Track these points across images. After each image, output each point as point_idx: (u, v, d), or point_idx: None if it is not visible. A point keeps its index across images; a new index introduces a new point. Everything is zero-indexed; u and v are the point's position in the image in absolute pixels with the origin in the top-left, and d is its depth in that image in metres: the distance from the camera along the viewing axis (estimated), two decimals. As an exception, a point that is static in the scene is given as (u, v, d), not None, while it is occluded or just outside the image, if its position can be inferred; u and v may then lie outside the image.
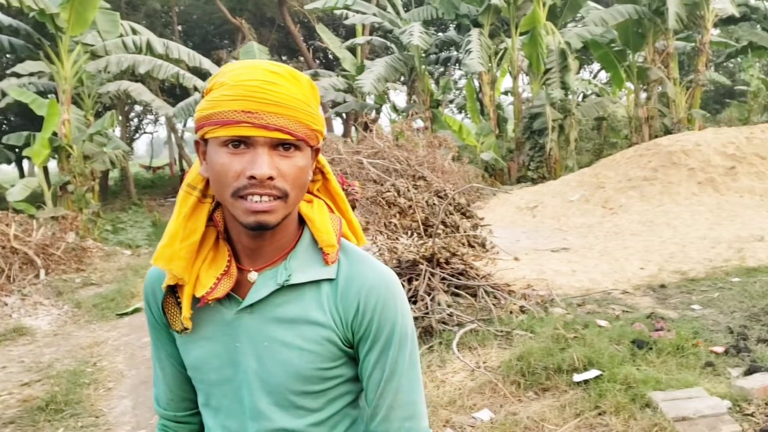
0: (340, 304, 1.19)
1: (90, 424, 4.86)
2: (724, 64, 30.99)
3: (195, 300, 1.19)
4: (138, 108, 30.93)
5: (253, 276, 1.20)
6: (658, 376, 4.24)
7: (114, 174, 27.64)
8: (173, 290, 1.23)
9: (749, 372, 4.28)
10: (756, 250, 7.65)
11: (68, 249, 10.76)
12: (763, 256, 7.41)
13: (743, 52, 23.33)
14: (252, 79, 1.09)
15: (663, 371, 4.37)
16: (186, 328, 1.22)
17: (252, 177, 1.07)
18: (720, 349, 4.74)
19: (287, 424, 1.21)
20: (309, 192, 1.28)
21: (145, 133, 36.94)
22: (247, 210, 1.09)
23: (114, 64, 13.33)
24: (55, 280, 9.72)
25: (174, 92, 26.74)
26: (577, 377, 4.40)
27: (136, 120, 33.63)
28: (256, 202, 1.09)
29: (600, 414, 3.97)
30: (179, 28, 28.00)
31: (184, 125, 28.43)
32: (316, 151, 1.20)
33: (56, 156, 13.88)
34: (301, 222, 1.24)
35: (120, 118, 24.64)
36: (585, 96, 25.18)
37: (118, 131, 25.51)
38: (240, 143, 1.09)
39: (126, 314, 8.08)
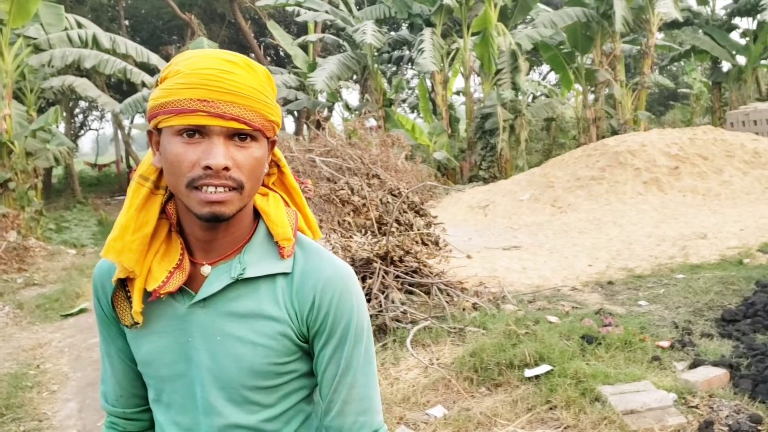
0: (295, 299, 1.17)
1: (33, 428, 4.71)
2: (668, 67, 31.90)
3: (146, 294, 1.16)
4: (83, 104, 30.15)
5: (206, 270, 1.17)
6: (607, 371, 4.32)
7: (58, 172, 26.84)
8: (123, 284, 1.19)
9: (693, 365, 4.40)
10: (699, 248, 7.89)
11: (9, 248, 10.41)
12: (706, 253, 7.64)
13: (686, 56, 24.08)
14: (207, 68, 1.06)
15: (611, 366, 4.46)
16: (136, 323, 1.18)
17: (207, 167, 1.05)
18: (666, 344, 4.86)
19: (240, 420, 1.19)
20: (264, 185, 1.25)
21: (90, 129, 36.02)
22: (202, 201, 1.07)
23: (58, 58, 12.93)
24: (-4, 280, 9.39)
25: (121, 88, 26.12)
26: (529, 372, 4.45)
27: (81, 116, 32.76)
28: (211, 192, 1.06)
29: (551, 408, 4.02)
30: (126, 22, 27.35)
31: (131, 122, 27.82)
32: (272, 144, 1.18)
33: (-4, 152, 13.39)
34: (257, 216, 1.22)
35: (64, 114, 23.95)
36: (534, 97, 25.57)
37: (62, 127, 24.81)
38: (195, 132, 1.07)
39: (71, 315, 7.86)
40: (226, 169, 1.06)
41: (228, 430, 1.19)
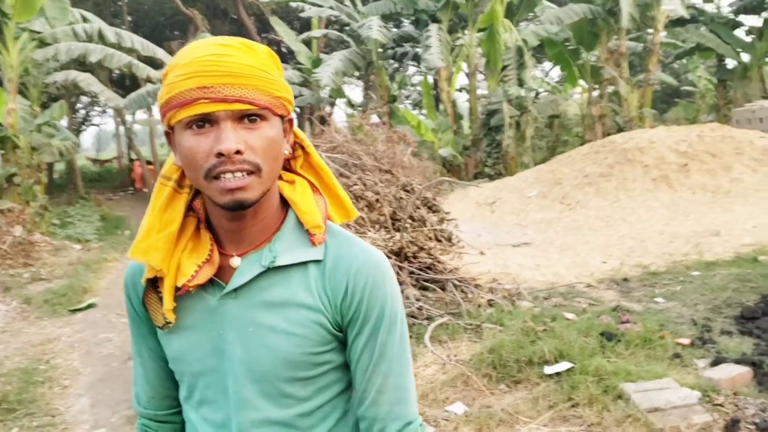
0: (328, 286, 1.14)
1: (46, 423, 4.66)
2: (671, 65, 31.85)
3: (177, 290, 1.14)
4: (85, 99, 30.07)
5: (236, 261, 1.15)
6: (629, 368, 4.27)
7: (59, 167, 26.79)
8: (154, 284, 1.17)
9: (715, 363, 4.35)
10: (712, 245, 7.83)
11: (15, 243, 10.36)
12: (720, 250, 7.58)
13: (691, 53, 24.02)
14: (203, 55, 1.04)
15: (632, 363, 4.40)
16: (168, 323, 1.16)
17: (220, 154, 1.03)
18: (686, 341, 4.81)
19: (274, 415, 1.15)
20: (292, 171, 1.23)
21: (92, 125, 35.95)
22: (222, 190, 1.04)
23: (64, 52, 12.86)
24: (2, 275, 9.34)
25: (124, 83, 26.07)
26: (549, 369, 4.40)
27: (82, 111, 32.67)
28: (230, 179, 1.04)
29: (573, 406, 3.97)
30: (129, 18, 27.27)
31: (134, 117, 27.74)
32: (289, 123, 1.15)
33: (1, 147, 13.34)
34: (285, 205, 1.19)
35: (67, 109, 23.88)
36: (537, 94, 25.53)
37: (64, 122, 24.75)
38: (204, 123, 1.05)
39: (79, 310, 7.79)
40: (239, 152, 1.03)
41: (261, 426, 1.16)
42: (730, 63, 23.56)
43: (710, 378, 4.10)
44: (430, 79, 22.46)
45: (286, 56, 30.11)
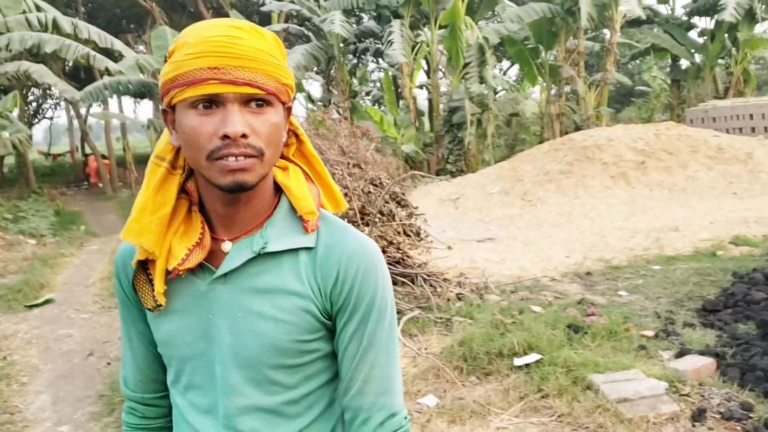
0: (318, 273, 1.13)
1: (5, 421, 4.53)
2: (626, 65, 32.53)
3: (167, 274, 1.14)
4: (37, 91, 29.24)
5: (227, 246, 1.14)
6: (596, 359, 4.34)
7: (9, 161, 25.99)
8: (144, 266, 1.17)
9: (680, 354, 4.46)
10: (672, 240, 8.01)
11: (-34, 238, 10.02)
12: (679, 245, 7.76)
13: (646, 54, 24.54)
14: (215, 35, 1.03)
15: (599, 354, 4.48)
16: (159, 305, 1.15)
17: (225, 136, 1.02)
18: (650, 333, 4.91)
19: (260, 401, 1.15)
20: (284, 157, 1.22)
21: (44, 118, 34.99)
22: (224, 170, 1.04)
23: (17, 41, 12.46)
24: (-48, 270, 9.03)
25: (78, 76, 25.44)
26: (518, 361, 4.44)
27: (34, 104, 31.77)
28: (232, 162, 1.03)
29: (543, 397, 4.02)
30: (83, 9, 26.58)
31: (88, 110, 27.06)
32: (287, 110, 1.15)
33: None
34: (278, 191, 1.19)
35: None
36: (496, 92, 25.78)
37: (15, 114, 24.00)
38: (210, 103, 1.04)
39: (36, 306, 7.58)
40: (244, 136, 1.03)
41: (247, 412, 1.15)
42: (684, 63, 24.14)
43: (676, 369, 4.20)
44: (391, 75, 22.47)
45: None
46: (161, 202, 1.13)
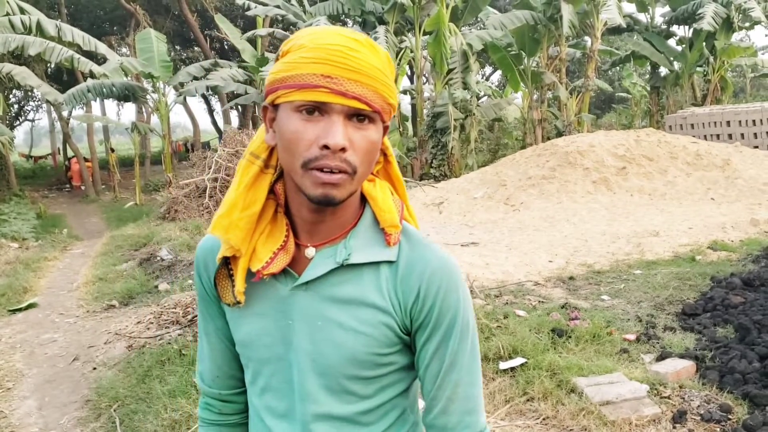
0: (399, 289, 1.14)
1: (-9, 426, 4.51)
2: (606, 72, 32.85)
3: (249, 274, 1.14)
4: (18, 93, 28.98)
5: (310, 252, 1.15)
6: (580, 363, 4.41)
7: (-11, 163, 25.73)
8: (226, 262, 1.17)
9: (661, 358, 4.55)
10: (653, 245, 8.14)
11: (-53, 241, 9.92)
12: (660, 250, 7.89)
13: (626, 61, 24.84)
14: (333, 44, 1.04)
15: (583, 358, 4.56)
16: (238, 302, 1.16)
17: (325, 146, 1.03)
18: (632, 337, 5.00)
19: (335, 410, 1.16)
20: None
21: (26, 120, 34.64)
22: (316, 182, 1.04)
23: (0, 43, 12.38)
24: (-66, 274, 8.94)
25: (61, 78, 25.25)
26: (504, 365, 4.51)
27: (16, 106, 31.46)
28: (326, 174, 1.04)
29: (529, 400, 4.09)
30: (66, 11, 26.39)
31: (70, 113, 26.87)
32: (384, 129, 1.14)
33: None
34: (363, 201, 1.19)
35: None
36: (479, 97, 25.95)
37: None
38: (315, 110, 1.04)
39: (19, 310, 7.54)
40: (343, 150, 1.03)
41: (322, 419, 1.17)
42: (663, 71, 24.47)
43: (657, 372, 4.29)
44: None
45: (230, 54, 29.72)
46: (252, 200, 1.13)
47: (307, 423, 1.16)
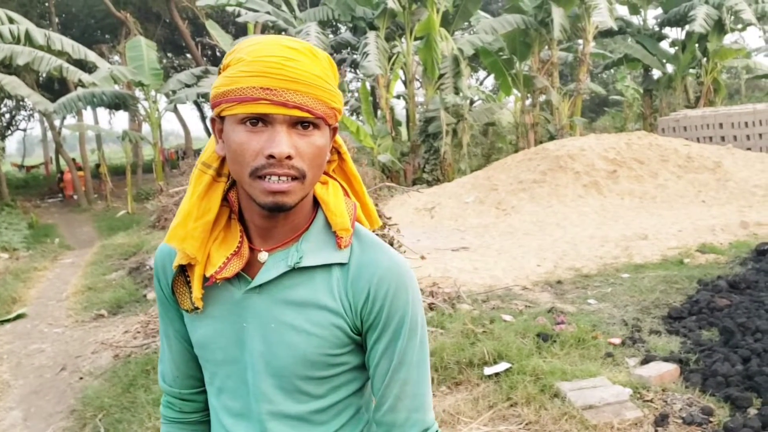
0: (350, 290, 1.17)
1: (-24, 438, 4.49)
2: (599, 75, 32.94)
3: (205, 279, 1.18)
4: (10, 103, 28.95)
5: (263, 256, 1.18)
6: (564, 367, 4.42)
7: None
8: (183, 269, 1.21)
9: (645, 361, 4.56)
10: (641, 248, 8.15)
11: (-63, 252, 9.89)
12: (648, 253, 7.90)
13: (619, 64, 24.89)
14: (271, 55, 1.06)
15: (567, 362, 4.56)
16: (196, 308, 1.20)
17: (270, 156, 1.05)
18: (617, 341, 5.01)
19: (289, 409, 1.20)
20: (325, 173, 1.25)
21: (18, 129, 34.59)
22: (265, 190, 1.07)
23: (-12, 53, 12.38)
24: (-77, 285, 8.90)
25: (52, 87, 25.24)
26: (488, 370, 4.52)
27: (7, 115, 31.43)
28: (275, 182, 1.07)
29: (512, 405, 4.09)
30: (56, 19, 26.38)
31: (62, 122, 26.83)
32: (333, 131, 1.18)
33: None
34: (316, 204, 1.22)
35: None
36: (472, 102, 25.98)
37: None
38: (258, 121, 1.07)
39: (7, 321, 7.52)
40: (289, 157, 1.06)
41: (277, 418, 1.20)
42: (656, 73, 24.52)
43: (640, 375, 4.29)
44: (369, 85, 22.57)
45: (219, 60, 29.74)
46: (205, 209, 1.16)
47: (263, 422, 1.20)
